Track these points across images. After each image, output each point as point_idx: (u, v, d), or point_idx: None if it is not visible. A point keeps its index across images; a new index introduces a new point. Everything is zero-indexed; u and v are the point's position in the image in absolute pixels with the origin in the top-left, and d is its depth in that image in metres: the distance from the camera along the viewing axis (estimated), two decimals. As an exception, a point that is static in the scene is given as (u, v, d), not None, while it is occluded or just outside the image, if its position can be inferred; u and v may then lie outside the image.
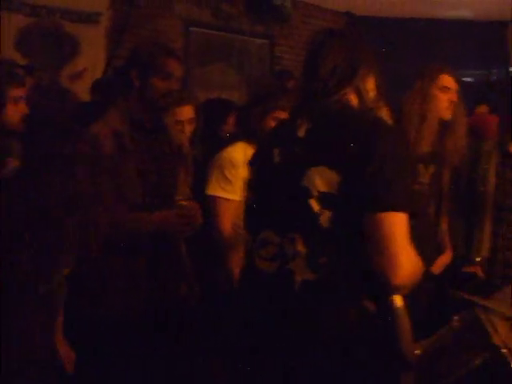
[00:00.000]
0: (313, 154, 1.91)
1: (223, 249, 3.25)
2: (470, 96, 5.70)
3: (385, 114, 2.79)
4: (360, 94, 2.03)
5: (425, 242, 3.47)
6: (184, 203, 2.78)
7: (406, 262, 1.79)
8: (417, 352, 2.22)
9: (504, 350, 2.08)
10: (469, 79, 7.92)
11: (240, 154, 3.22)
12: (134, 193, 2.74)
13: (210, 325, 3.12)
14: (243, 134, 3.38)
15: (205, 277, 3.22)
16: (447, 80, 3.46)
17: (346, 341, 1.88)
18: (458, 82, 3.53)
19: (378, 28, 7.31)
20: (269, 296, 2.00)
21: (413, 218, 1.90)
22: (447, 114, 3.45)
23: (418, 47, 7.31)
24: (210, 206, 3.22)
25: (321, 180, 1.86)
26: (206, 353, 3.25)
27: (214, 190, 3.29)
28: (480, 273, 3.63)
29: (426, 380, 2.22)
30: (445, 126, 3.46)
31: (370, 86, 2.06)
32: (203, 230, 2.90)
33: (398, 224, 1.80)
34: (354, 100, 2.04)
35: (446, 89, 3.45)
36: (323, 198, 1.87)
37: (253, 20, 6.48)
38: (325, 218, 1.86)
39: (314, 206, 1.88)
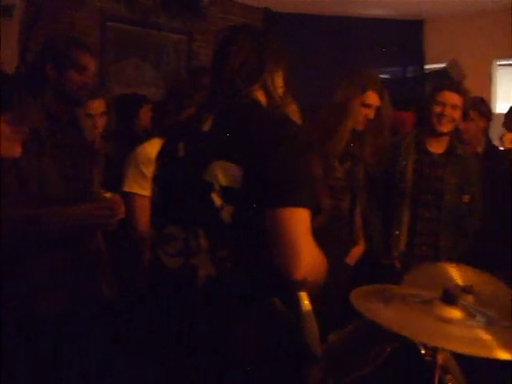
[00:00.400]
0: (216, 148, 1.91)
1: (139, 246, 3.21)
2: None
3: (293, 110, 2.81)
4: (268, 91, 2.04)
5: (338, 236, 3.55)
6: (107, 196, 2.73)
7: (306, 257, 1.81)
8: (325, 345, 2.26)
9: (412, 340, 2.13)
10: (385, 76, 8.07)
11: (156, 149, 3.17)
12: (54, 187, 2.69)
13: (127, 323, 3.09)
14: (159, 129, 3.35)
15: (122, 274, 3.19)
16: (372, 97, 3.51)
17: (252, 337, 1.89)
18: (383, 97, 3.56)
19: (295, 25, 7.39)
20: (175, 293, 1.99)
21: (316, 214, 1.92)
22: (360, 126, 3.50)
23: (335, 44, 7.42)
24: (125, 202, 3.18)
25: (223, 174, 1.86)
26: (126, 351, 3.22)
27: (130, 186, 3.25)
28: (398, 264, 3.72)
29: (336, 373, 2.24)
30: (358, 132, 3.53)
31: (279, 82, 2.07)
32: (121, 226, 2.87)
33: (298, 220, 1.81)
34: (261, 96, 2.05)
35: (368, 105, 3.49)
36: (225, 193, 1.87)
37: (170, 15, 6.43)
38: (226, 212, 1.86)
39: (216, 200, 1.88)
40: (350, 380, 2.20)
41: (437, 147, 3.81)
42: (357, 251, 3.75)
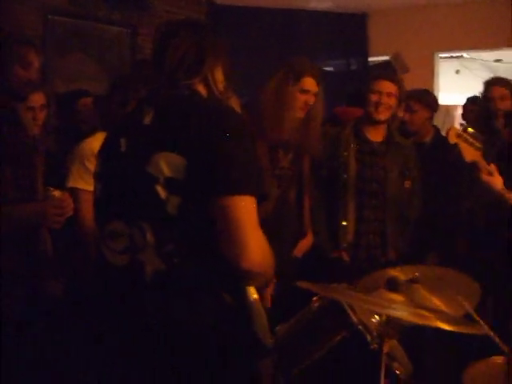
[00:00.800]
0: (159, 140, 1.90)
1: (86, 242, 3.17)
2: (330, 85, 5.88)
3: (234, 103, 2.82)
4: (208, 84, 2.04)
5: (286, 226, 3.57)
6: (56, 194, 2.69)
7: (254, 245, 1.81)
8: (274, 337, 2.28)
9: (360, 327, 2.17)
10: (329, 68, 8.13)
11: (100, 144, 3.16)
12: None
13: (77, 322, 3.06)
14: (103, 124, 3.32)
15: (70, 270, 3.16)
16: (309, 82, 3.52)
17: (202, 330, 1.88)
18: (320, 82, 3.59)
19: (239, 18, 7.38)
20: (122, 291, 1.98)
21: (262, 201, 1.93)
22: (301, 114, 3.51)
23: (279, 37, 7.42)
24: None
25: (167, 165, 1.85)
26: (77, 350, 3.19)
27: (75, 181, 3.21)
28: (346, 257, 3.76)
29: (287, 363, 2.26)
30: (302, 120, 3.54)
31: (219, 76, 2.08)
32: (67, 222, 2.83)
33: (245, 207, 1.82)
34: (202, 90, 2.05)
35: (305, 91, 3.51)
36: (170, 184, 1.86)
37: (113, 8, 6.34)
38: (172, 204, 1.85)
39: (161, 192, 1.86)
40: (299, 370, 2.23)
41: (376, 136, 3.86)
42: (305, 243, 3.77)
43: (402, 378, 2.29)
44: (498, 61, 8.77)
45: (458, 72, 9.32)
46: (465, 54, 8.68)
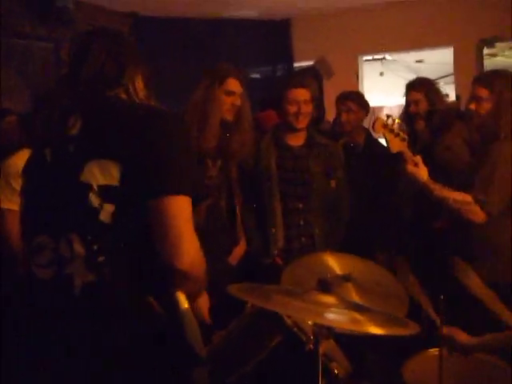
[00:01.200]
0: (91, 148, 1.88)
1: (14, 261, 3.10)
2: (257, 91, 5.92)
3: None
4: (129, 94, 2.03)
5: (218, 235, 3.57)
6: None
7: (189, 246, 1.81)
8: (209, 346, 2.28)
9: (295, 330, 2.18)
10: (256, 76, 8.19)
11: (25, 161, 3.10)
12: None
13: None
14: (29, 141, 3.26)
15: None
16: (233, 84, 3.54)
17: (132, 341, 1.86)
18: (244, 84, 3.61)
19: (162, 29, 7.35)
20: (49, 305, 1.94)
21: (197, 203, 1.93)
22: (229, 116, 3.52)
23: (204, 47, 7.43)
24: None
25: (100, 173, 1.83)
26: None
27: (1, 201, 3.14)
28: (279, 261, 3.78)
29: (224, 372, 2.26)
30: (229, 125, 3.55)
31: (139, 84, 2.07)
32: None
33: (179, 207, 1.81)
34: (124, 97, 2.04)
35: (230, 92, 3.52)
36: (103, 192, 1.83)
37: (35, 22, 6.25)
38: (106, 212, 1.83)
39: (94, 200, 1.83)
40: (237, 377, 2.23)
41: (296, 140, 3.91)
42: (238, 251, 3.76)
43: (341, 378, 2.31)
44: (419, 61, 8.99)
45: (382, 74, 9.51)
46: (387, 56, 8.86)
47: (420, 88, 4.28)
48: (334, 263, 2.85)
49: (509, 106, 3.20)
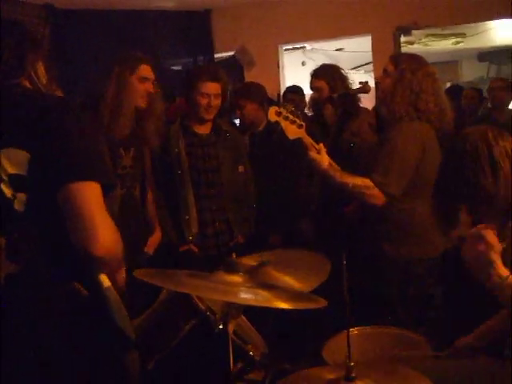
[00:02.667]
0: None
1: None
2: (178, 83, 5.88)
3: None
4: (32, 81, 2.02)
5: (133, 225, 3.55)
6: None
7: (104, 231, 1.80)
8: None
9: (208, 314, 2.18)
10: (177, 67, 8.15)
11: None
12: None
13: None
14: None
15: None
16: (146, 70, 3.51)
17: (59, 327, 1.86)
18: (156, 71, 3.59)
19: (81, 21, 7.23)
20: None
21: (109, 190, 1.91)
22: (142, 103, 3.50)
23: (124, 39, 7.32)
24: None
25: (9, 163, 1.81)
26: None
27: None
28: (194, 249, 3.80)
29: (142, 357, 2.24)
30: (142, 112, 3.53)
31: (41, 71, 2.05)
32: None
33: (90, 193, 1.80)
34: (28, 86, 2.02)
35: (143, 79, 3.49)
36: (14, 181, 1.81)
37: None
38: (19, 201, 1.81)
39: (6, 191, 1.82)
40: (155, 361, 2.22)
41: (204, 129, 4.00)
42: (154, 240, 3.78)
43: (257, 360, 2.32)
44: (339, 50, 9.11)
45: (303, 64, 9.60)
46: (307, 46, 8.94)
47: (321, 75, 4.35)
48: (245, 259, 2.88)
49: (406, 87, 3.24)
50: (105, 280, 1.95)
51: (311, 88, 4.48)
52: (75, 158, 1.81)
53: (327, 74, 4.34)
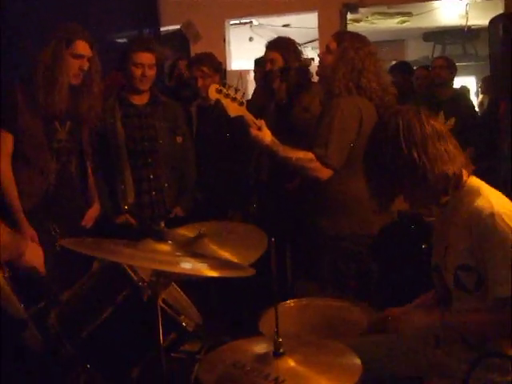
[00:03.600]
0: None
1: None
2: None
3: None
4: None
5: (70, 199, 3.53)
6: None
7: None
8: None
9: (141, 284, 2.18)
10: (122, 40, 8.02)
11: None
12: None
13: None
14: None
15: None
16: (82, 46, 3.44)
17: None
18: (94, 47, 3.52)
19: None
20: None
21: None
22: (76, 80, 3.45)
23: (67, 11, 7.17)
24: None
25: None
26: None
27: None
28: (130, 219, 3.78)
29: (74, 329, 2.23)
30: (77, 89, 3.48)
31: None
32: None
33: None
34: None
35: (78, 56, 3.43)
36: None
37: None
38: None
39: None
40: (87, 333, 2.21)
41: (140, 99, 3.99)
42: (92, 213, 3.76)
43: (190, 331, 2.33)
44: (286, 26, 9.08)
45: (251, 39, 9.56)
46: (254, 21, 8.90)
47: (276, 47, 4.32)
48: (184, 231, 2.88)
49: (348, 64, 3.27)
50: None
51: (264, 60, 4.43)
52: None
53: (282, 47, 4.32)
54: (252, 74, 6.97)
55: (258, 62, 6.01)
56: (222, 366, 1.86)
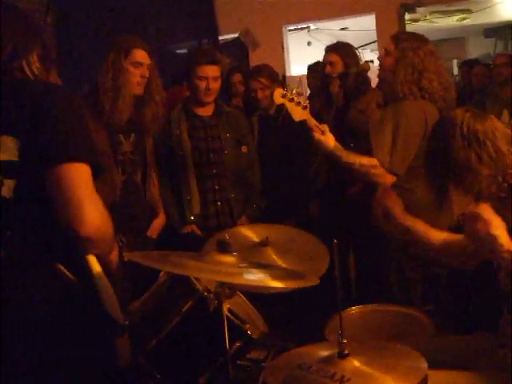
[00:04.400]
0: None
1: None
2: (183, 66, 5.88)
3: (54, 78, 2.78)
4: (23, 71, 2.01)
5: (136, 209, 3.58)
6: None
7: (92, 211, 1.82)
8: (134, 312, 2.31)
9: (206, 294, 2.22)
10: (182, 51, 8.14)
11: None
12: None
13: None
14: None
15: None
16: (140, 55, 3.49)
17: (49, 311, 1.87)
18: (152, 56, 3.57)
19: (85, 4, 7.20)
20: None
21: (100, 172, 1.93)
22: (139, 89, 3.50)
23: (129, 23, 7.31)
24: None
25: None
26: None
27: None
28: (196, 230, 3.82)
29: (142, 339, 2.28)
30: (140, 98, 3.53)
31: (34, 61, 2.05)
32: None
33: (80, 174, 1.83)
34: (19, 73, 2.01)
35: (138, 64, 3.47)
36: (3, 167, 1.84)
37: None
38: (7, 187, 1.84)
39: None
40: (156, 342, 2.26)
41: (205, 111, 4.01)
42: (158, 223, 3.81)
43: (255, 339, 2.35)
44: (343, 29, 9.06)
45: (309, 44, 9.58)
46: (312, 26, 8.90)
47: (337, 50, 4.33)
48: (250, 233, 2.94)
49: (408, 65, 3.23)
50: (94, 265, 1.97)
51: (324, 62, 4.44)
52: (61, 140, 1.84)
53: (342, 50, 4.33)
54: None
55: (311, 67, 6.04)
56: (288, 369, 1.87)
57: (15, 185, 1.84)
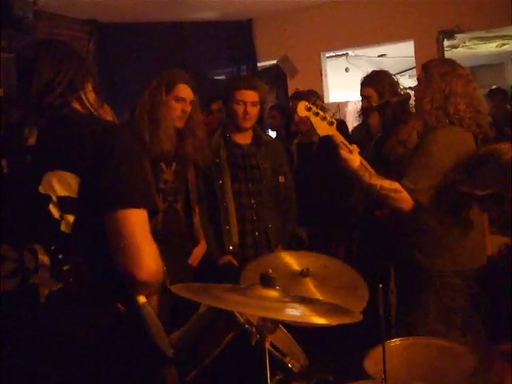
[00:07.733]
0: (48, 159, 1.90)
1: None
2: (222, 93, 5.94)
3: (109, 115, 2.81)
4: (83, 103, 2.06)
5: (177, 237, 3.59)
6: None
7: (149, 257, 1.86)
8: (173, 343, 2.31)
9: (247, 326, 2.21)
10: (221, 77, 8.21)
11: None
12: None
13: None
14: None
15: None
16: (183, 90, 3.53)
17: (102, 346, 1.90)
18: (195, 91, 3.61)
19: (124, 34, 7.33)
20: (14, 316, 1.93)
21: (153, 214, 1.96)
22: (180, 123, 3.53)
23: (167, 50, 7.42)
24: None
25: (59, 184, 1.87)
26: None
27: None
28: (234, 261, 3.82)
29: (181, 370, 2.28)
30: (182, 131, 3.56)
31: (90, 93, 2.09)
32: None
33: (137, 220, 1.86)
34: (77, 105, 2.06)
35: (180, 99, 3.52)
36: (63, 203, 1.87)
37: (-4, 34, 6.20)
38: (66, 223, 1.87)
39: (54, 212, 1.87)
40: (197, 372, 2.26)
41: (244, 139, 4.03)
42: (198, 251, 3.82)
43: (297, 372, 2.33)
44: (382, 56, 9.05)
45: (347, 70, 9.58)
46: (350, 52, 8.92)
47: (370, 83, 4.35)
48: (291, 260, 2.90)
49: (436, 91, 3.18)
50: (140, 297, 1.99)
51: (361, 96, 4.49)
52: (124, 185, 1.87)
53: (376, 81, 4.33)
54: (349, 105, 7.01)
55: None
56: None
57: (74, 220, 1.87)
